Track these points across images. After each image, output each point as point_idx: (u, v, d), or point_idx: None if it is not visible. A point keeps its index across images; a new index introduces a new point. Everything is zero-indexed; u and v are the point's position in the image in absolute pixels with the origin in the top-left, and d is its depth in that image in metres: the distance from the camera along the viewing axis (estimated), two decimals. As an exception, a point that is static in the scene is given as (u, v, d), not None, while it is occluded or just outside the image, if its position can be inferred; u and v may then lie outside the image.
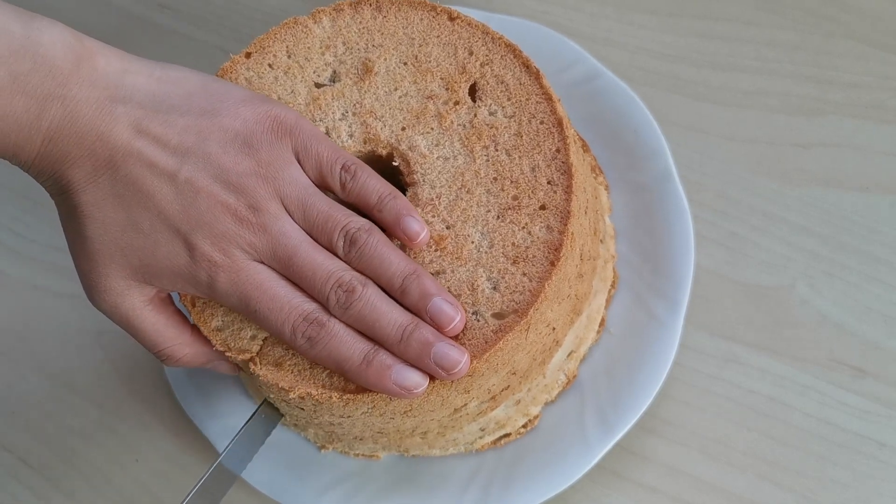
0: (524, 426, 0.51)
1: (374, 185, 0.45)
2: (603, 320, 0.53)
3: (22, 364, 0.60)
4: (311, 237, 0.44)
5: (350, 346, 0.42)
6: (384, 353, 0.42)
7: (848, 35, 0.61)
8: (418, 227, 0.44)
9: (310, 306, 0.43)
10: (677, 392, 0.53)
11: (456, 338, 0.43)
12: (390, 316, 0.42)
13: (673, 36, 0.63)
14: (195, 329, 0.46)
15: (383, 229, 0.45)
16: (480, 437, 0.51)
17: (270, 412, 0.50)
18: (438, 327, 0.43)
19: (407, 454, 0.52)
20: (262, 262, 0.43)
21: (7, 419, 0.60)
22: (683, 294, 0.51)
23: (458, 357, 0.42)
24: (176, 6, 0.70)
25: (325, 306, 0.43)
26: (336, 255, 0.43)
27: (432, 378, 0.43)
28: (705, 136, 0.59)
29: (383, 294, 0.43)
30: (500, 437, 0.51)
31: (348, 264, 0.43)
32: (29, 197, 0.66)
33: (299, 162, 0.44)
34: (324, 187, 0.45)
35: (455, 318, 0.43)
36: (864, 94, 0.59)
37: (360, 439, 0.50)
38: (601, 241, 0.52)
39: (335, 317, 0.43)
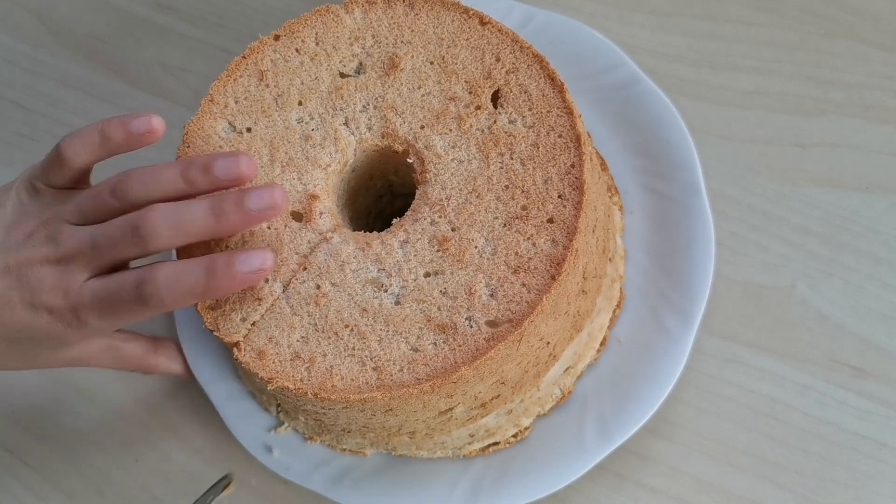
0: (514, 436, 0.51)
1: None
2: (605, 339, 0.52)
3: (22, 364, 0.60)
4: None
5: (185, 271, 0.43)
6: (218, 255, 0.43)
7: (848, 35, 0.61)
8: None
9: (132, 273, 0.44)
10: (678, 392, 0.53)
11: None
12: (191, 208, 0.43)
13: (673, 36, 0.63)
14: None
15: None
16: (469, 443, 0.51)
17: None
18: (236, 181, 0.44)
19: (394, 453, 0.52)
20: (93, 277, 0.44)
21: (7, 419, 0.60)
22: (698, 309, 0.51)
23: (269, 191, 0.43)
24: (176, 6, 0.70)
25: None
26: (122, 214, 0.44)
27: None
28: (705, 136, 0.59)
29: (175, 202, 0.44)
30: (489, 445, 0.51)
31: (131, 211, 0.44)
32: (29, 197, 0.66)
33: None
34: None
35: (241, 161, 0.44)
36: (864, 94, 0.59)
37: (348, 432, 0.50)
38: (610, 259, 0.52)
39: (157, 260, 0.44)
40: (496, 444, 0.51)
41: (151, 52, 0.69)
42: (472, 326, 0.43)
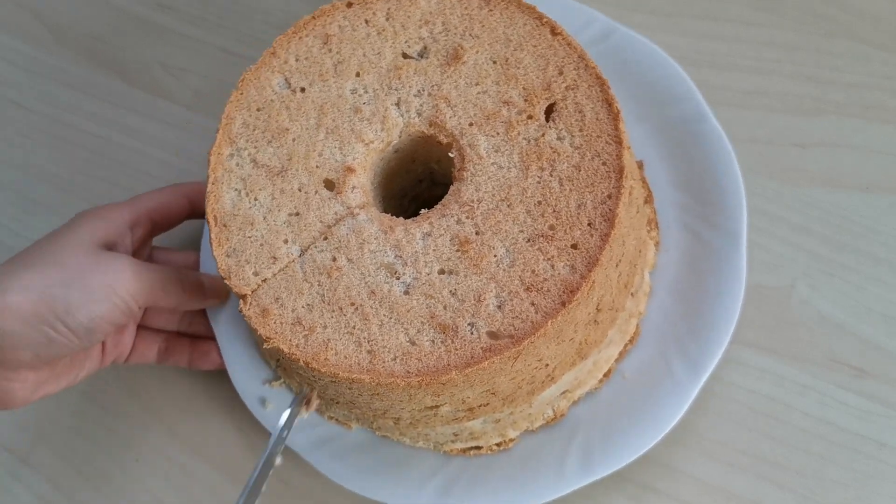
0: (498, 444, 0.51)
1: None
2: (610, 371, 0.51)
3: (22, 364, 0.60)
4: None
5: None
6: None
7: (848, 35, 0.61)
8: None
9: None
10: (677, 392, 0.53)
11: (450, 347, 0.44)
12: None
13: (673, 36, 0.63)
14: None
15: None
16: (452, 442, 0.51)
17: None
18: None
19: (378, 433, 0.52)
20: None
21: (7, 419, 0.60)
22: (710, 362, 0.49)
23: None
24: (176, 6, 0.71)
25: None
26: None
27: None
28: (705, 136, 0.59)
29: None
30: (471, 448, 0.51)
31: None
32: (29, 197, 0.66)
33: None
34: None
35: None
36: (864, 94, 0.59)
37: (336, 402, 0.51)
38: (632, 294, 0.51)
39: None
40: (478, 448, 0.51)
41: (151, 52, 0.69)
42: (472, 333, 0.43)
